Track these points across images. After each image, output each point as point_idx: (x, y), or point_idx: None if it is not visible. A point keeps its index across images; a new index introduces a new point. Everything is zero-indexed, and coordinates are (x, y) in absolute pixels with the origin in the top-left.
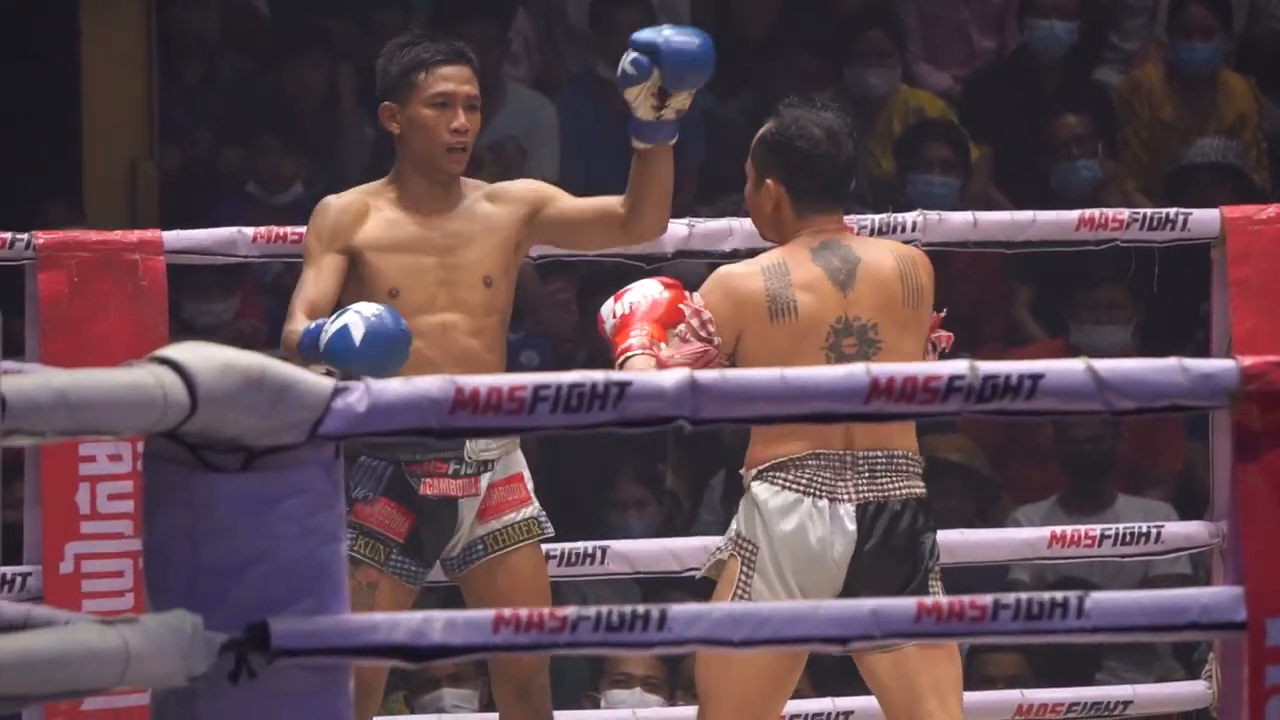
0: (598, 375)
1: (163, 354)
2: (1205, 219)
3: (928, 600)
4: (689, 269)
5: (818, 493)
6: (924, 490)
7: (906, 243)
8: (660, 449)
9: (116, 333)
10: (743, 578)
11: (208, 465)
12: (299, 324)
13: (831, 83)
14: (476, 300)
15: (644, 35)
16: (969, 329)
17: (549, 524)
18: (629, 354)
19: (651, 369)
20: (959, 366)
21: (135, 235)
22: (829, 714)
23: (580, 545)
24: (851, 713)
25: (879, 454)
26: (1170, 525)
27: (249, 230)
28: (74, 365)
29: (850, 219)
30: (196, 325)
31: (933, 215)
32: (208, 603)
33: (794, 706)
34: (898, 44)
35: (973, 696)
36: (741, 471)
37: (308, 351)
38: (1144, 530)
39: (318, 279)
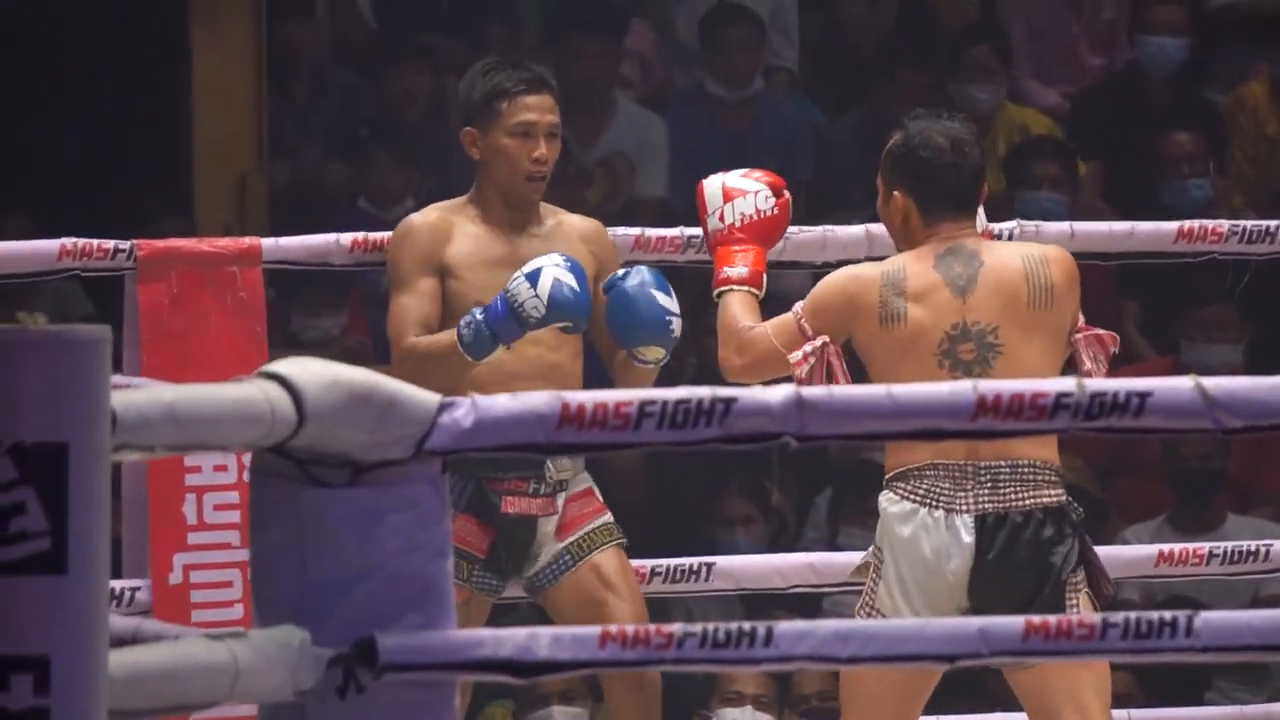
0: (704, 392)
1: (270, 369)
2: None
3: (1036, 619)
4: (786, 280)
5: (934, 503)
6: (1058, 499)
7: None
8: (766, 465)
9: (216, 345)
10: (870, 585)
11: (315, 480)
12: (426, 338)
13: (938, 99)
14: (577, 340)
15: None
16: None
17: (621, 530)
18: (729, 286)
19: (746, 310)
20: (1067, 384)
21: (233, 245)
22: None
23: (685, 561)
24: None
25: (1003, 464)
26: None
27: (346, 238)
28: (174, 378)
29: None
30: (304, 339)
31: (1029, 225)
32: (315, 617)
33: None
34: (1004, 60)
35: None
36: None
37: (504, 327)
38: (1253, 549)
39: (420, 302)
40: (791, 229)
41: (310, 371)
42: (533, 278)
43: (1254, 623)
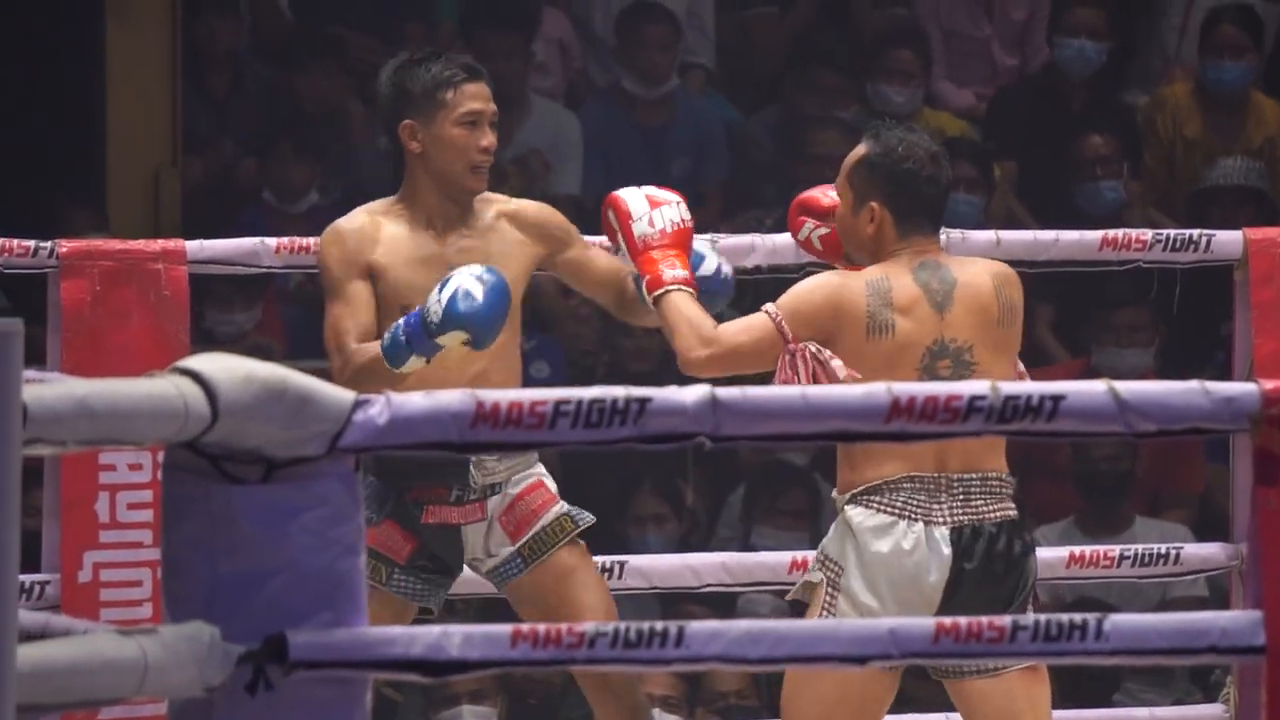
0: (619, 391)
1: (185, 365)
2: (1228, 241)
3: (946, 620)
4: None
5: (912, 516)
6: (1016, 511)
7: None
8: (681, 465)
9: (138, 342)
10: (828, 599)
11: (228, 476)
12: (361, 346)
13: (855, 101)
14: (509, 345)
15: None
16: None
17: (583, 513)
18: (673, 286)
19: (696, 307)
20: (980, 387)
21: (158, 245)
22: None
23: (598, 560)
24: None
25: (973, 476)
26: (1189, 547)
27: (271, 241)
28: (95, 374)
29: None
30: (218, 335)
31: (955, 233)
32: (226, 614)
33: None
34: (923, 63)
35: None
36: (834, 495)
37: (415, 336)
38: (1163, 551)
39: (353, 310)
40: (716, 235)
41: (224, 368)
42: (441, 287)
43: (1163, 626)
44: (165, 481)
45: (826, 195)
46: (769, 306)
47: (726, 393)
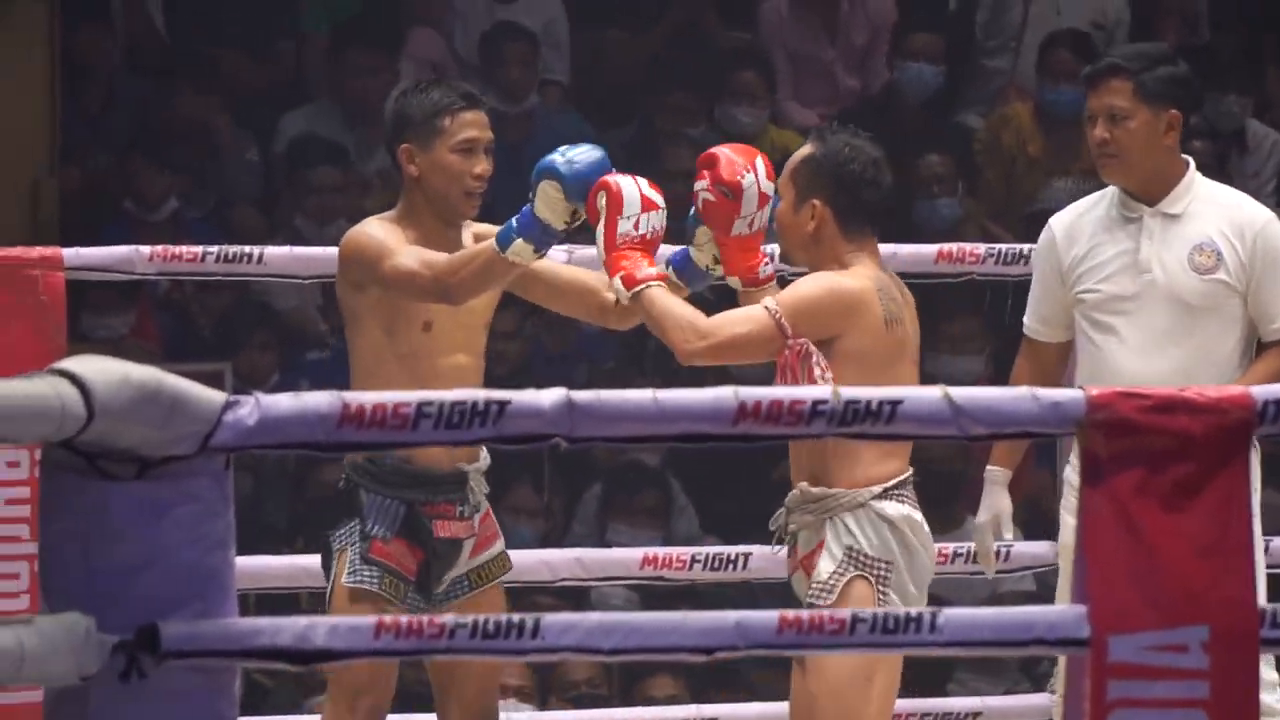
0: (479, 394)
1: (61, 366)
2: None
3: (789, 613)
4: None
5: (917, 507)
6: None
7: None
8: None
9: (17, 345)
10: (879, 599)
11: (103, 474)
12: (450, 257)
13: (705, 119)
14: (480, 344)
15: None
16: None
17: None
18: (649, 284)
19: (677, 301)
20: (823, 391)
21: (35, 252)
22: None
23: None
24: None
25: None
26: (1019, 545)
27: (145, 249)
28: None
29: None
30: (94, 338)
31: None
32: (100, 605)
33: None
34: (769, 85)
35: None
36: (838, 490)
37: (521, 218)
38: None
39: (427, 251)
40: (574, 247)
41: (100, 369)
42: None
43: (994, 620)
44: (42, 478)
45: (732, 170)
46: (768, 302)
47: (581, 396)
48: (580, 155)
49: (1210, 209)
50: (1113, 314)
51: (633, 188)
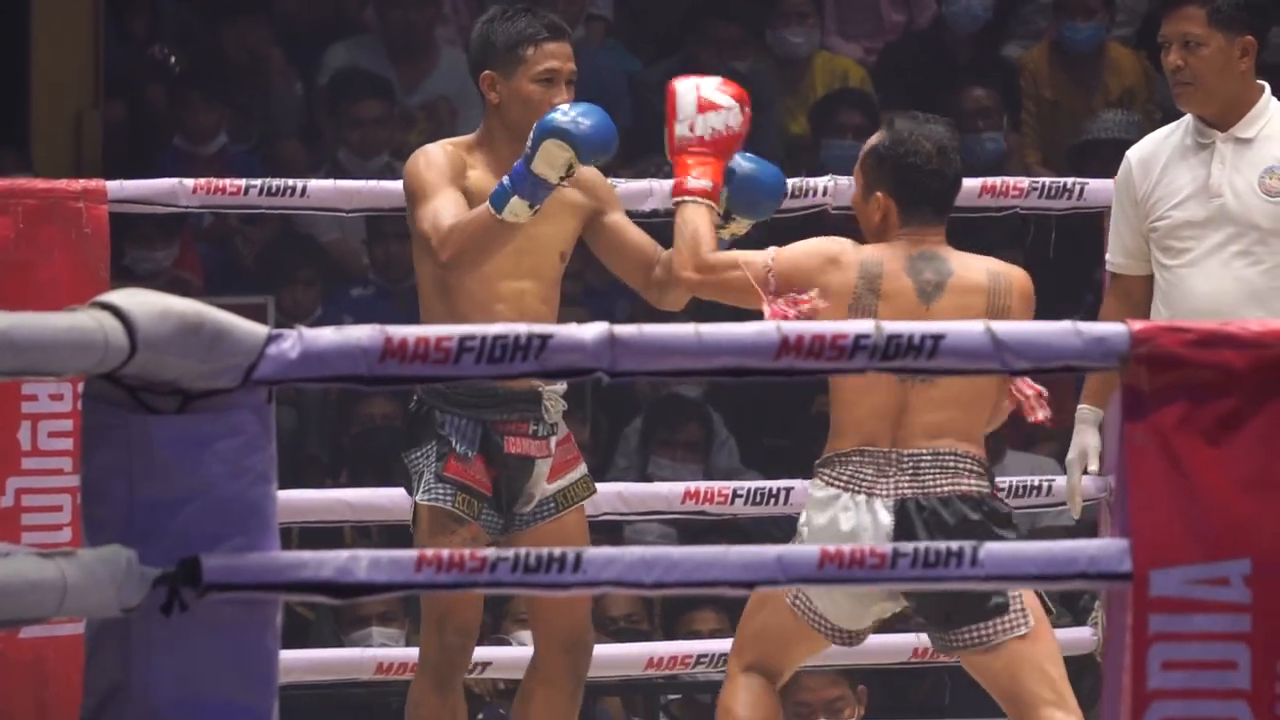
0: (521, 328)
1: (104, 299)
2: (1100, 189)
3: (830, 548)
4: None
5: (855, 488)
6: (979, 489)
7: (815, 207)
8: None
9: (60, 278)
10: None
11: (145, 407)
12: (457, 221)
13: (753, 48)
14: (550, 272)
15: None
16: None
17: (591, 480)
18: (692, 198)
19: (705, 225)
20: (866, 325)
21: (79, 184)
22: None
23: None
24: None
25: (924, 452)
26: (1060, 479)
27: (189, 181)
28: (18, 308)
29: None
30: (137, 271)
31: (843, 180)
32: (142, 538)
33: None
34: (816, 6)
35: (875, 638)
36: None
37: (515, 174)
38: (1035, 483)
39: (453, 205)
40: (616, 180)
41: (142, 302)
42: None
43: (1035, 554)
44: (84, 411)
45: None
46: (772, 253)
47: (623, 330)
48: (583, 113)
49: None
50: (1184, 239)
51: (689, 89)
